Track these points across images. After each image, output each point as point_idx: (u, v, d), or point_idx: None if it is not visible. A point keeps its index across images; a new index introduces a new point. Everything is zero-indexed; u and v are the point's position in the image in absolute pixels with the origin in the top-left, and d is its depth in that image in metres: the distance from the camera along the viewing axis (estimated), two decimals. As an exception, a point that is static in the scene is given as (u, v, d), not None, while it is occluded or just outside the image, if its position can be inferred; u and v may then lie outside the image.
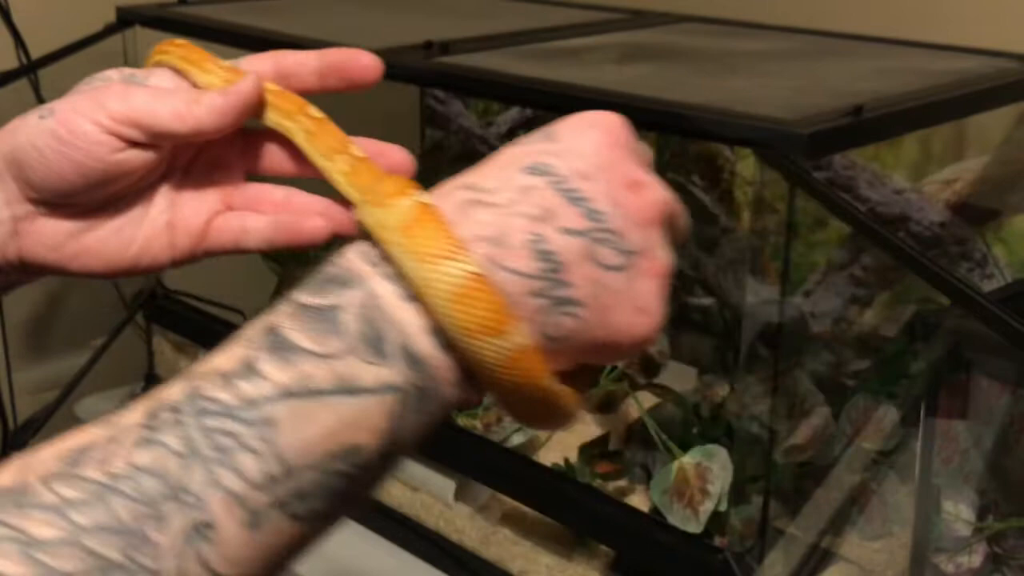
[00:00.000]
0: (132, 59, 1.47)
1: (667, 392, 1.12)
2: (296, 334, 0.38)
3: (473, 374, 0.40)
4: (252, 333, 0.39)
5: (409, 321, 0.38)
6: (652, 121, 0.96)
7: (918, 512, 0.97)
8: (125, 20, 1.40)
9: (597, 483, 1.06)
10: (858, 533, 1.06)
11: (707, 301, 1.42)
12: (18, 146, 0.55)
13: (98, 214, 0.57)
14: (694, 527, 0.94)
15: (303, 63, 0.58)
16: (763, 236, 0.86)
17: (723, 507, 0.94)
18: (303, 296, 0.39)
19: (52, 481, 0.35)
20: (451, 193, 0.42)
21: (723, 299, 1.26)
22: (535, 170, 0.41)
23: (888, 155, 1.23)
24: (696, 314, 1.43)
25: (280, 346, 0.38)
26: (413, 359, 0.38)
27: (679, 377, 1.21)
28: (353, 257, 0.40)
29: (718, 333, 1.39)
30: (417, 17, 1.40)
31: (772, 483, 0.91)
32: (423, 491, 1.15)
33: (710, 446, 0.99)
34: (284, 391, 0.37)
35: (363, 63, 0.56)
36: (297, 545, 0.39)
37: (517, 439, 1.10)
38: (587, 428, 1.24)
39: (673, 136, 1.38)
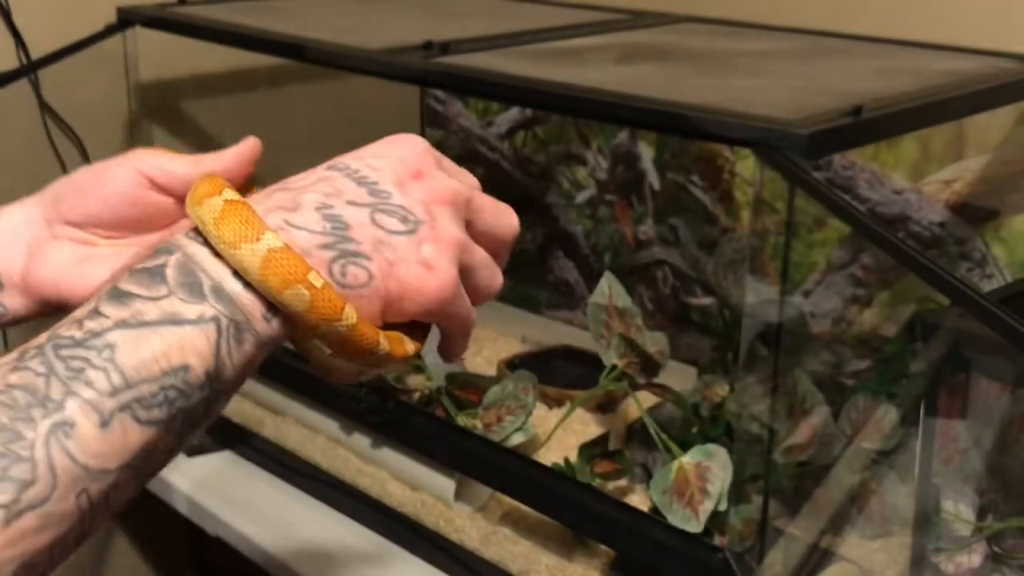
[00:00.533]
0: (132, 59, 1.47)
1: (667, 392, 1.12)
2: (130, 286, 0.49)
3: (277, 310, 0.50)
4: (101, 293, 0.49)
5: (218, 271, 0.49)
6: (652, 121, 0.96)
7: (918, 512, 0.97)
8: (125, 20, 1.40)
9: (597, 483, 1.06)
10: (858, 533, 1.06)
11: (707, 301, 1.42)
12: (59, 183, 0.68)
13: (100, 246, 0.67)
14: (694, 527, 0.94)
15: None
16: (763, 236, 0.86)
17: (723, 507, 0.94)
18: (138, 264, 0.50)
19: None
20: (268, 187, 0.54)
21: (723, 299, 1.26)
22: (333, 167, 0.54)
23: (888, 155, 1.24)
24: (696, 314, 1.43)
25: (117, 295, 0.48)
26: (224, 297, 0.49)
27: (679, 377, 1.21)
28: (177, 235, 0.51)
29: (718, 333, 1.40)
30: (417, 17, 1.40)
31: (772, 483, 0.91)
32: (423, 491, 1.15)
33: (710, 446, 0.99)
34: (121, 323, 0.47)
35: None
36: (148, 446, 0.47)
37: (517, 439, 1.10)
38: (587, 428, 1.24)
39: (673, 136, 1.39)
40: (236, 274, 0.49)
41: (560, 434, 1.17)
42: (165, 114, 1.58)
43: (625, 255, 1.50)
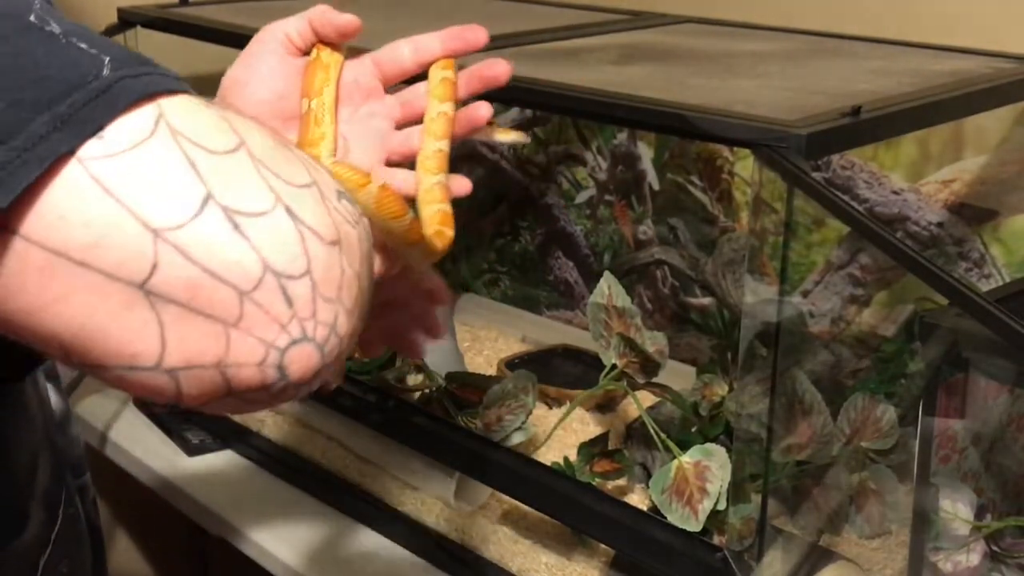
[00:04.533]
0: (133, 60, 1.47)
1: (666, 391, 1.12)
2: None
3: None
4: None
5: None
6: (652, 122, 0.97)
7: (916, 511, 0.98)
8: (126, 21, 1.40)
9: (596, 482, 1.06)
10: (856, 532, 1.06)
11: (706, 301, 1.42)
12: (222, 82, 0.73)
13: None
14: (693, 526, 0.94)
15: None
16: (761, 236, 0.87)
17: (722, 506, 0.94)
18: None
19: None
20: None
21: (722, 299, 1.26)
22: None
23: (886, 155, 1.24)
24: (695, 314, 1.44)
25: None
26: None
27: (678, 376, 1.21)
28: None
29: (717, 333, 1.40)
30: (416, 19, 1.40)
31: (771, 482, 0.91)
32: (423, 490, 1.15)
33: (709, 445, 0.99)
34: None
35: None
36: None
37: (517, 438, 1.11)
38: (586, 427, 1.24)
39: (672, 136, 1.39)
40: None
41: (560, 433, 1.17)
42: (166, 114, 1.58)
43: (625, 255, 1.50)
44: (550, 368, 1.36)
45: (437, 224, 0.69)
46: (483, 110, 0.72)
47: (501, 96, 1.20)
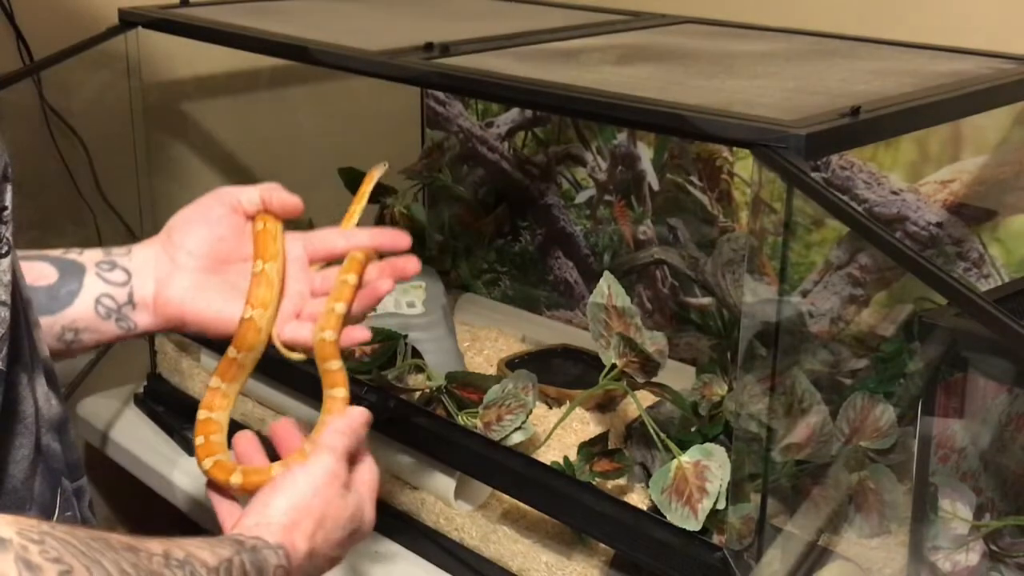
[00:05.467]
0: (134, 61, 1.48)
1: (666, 391, 1.12)
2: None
3: None
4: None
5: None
6: (651, 122, 0.97)
7: (915, 510, 0.98)
8: (127, 22, 1.40)
9: (596, 481, 1.06)
10: (855, 531, 1.06)
11: (706, 301, 1.42)
12: (172, 218, 0.83)
13: (216, 276, 0.82)
14: (692, 525, 0.94)
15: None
16: (761, 236, 0.87)
17: (721, 505, 0.94)
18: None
19: None
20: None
21: (721, 299, 1.27)
22: None
23: (886, 156, 1.24)
24: (694, 313, 1.44)
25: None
26: None
27: (678, 376, 1.21)
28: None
29: (716, 332, 1.40)
30: (417, 19, 1.41)
31: (770, 481, 0.91)
32: (423, 490, 1.15)
33: (708, 445, 0.99)
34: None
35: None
36: None
37: (517, 438, 1.11)
38: (586, 427, 1.24)
39: (672, 137, 1.39)
40: None
41: (560, 433, 1.17)
42: (166, 115, 1.59)
43: (624, 255, 1.51)
44: (550, 368, 1.37)
45: (328, 410, 0.88)
46: (385, 286, 0.83)
47: (502, 96, 1.21)
